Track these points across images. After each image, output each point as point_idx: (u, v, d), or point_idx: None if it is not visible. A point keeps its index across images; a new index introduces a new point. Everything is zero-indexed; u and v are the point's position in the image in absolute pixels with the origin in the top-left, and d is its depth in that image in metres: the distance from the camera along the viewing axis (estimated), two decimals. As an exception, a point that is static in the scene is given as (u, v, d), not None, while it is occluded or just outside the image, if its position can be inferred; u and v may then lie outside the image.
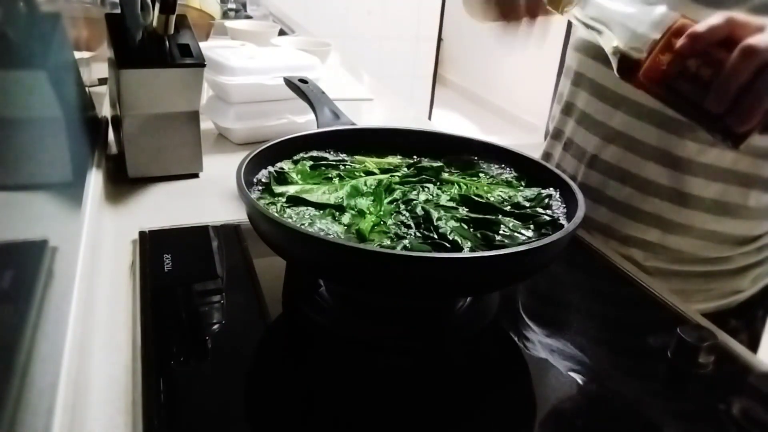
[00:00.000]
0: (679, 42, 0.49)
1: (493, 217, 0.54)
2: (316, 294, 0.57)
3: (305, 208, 0.55)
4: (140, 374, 0.47)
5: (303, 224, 0.52)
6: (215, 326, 0.54)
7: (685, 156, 0.72)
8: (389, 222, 0.54)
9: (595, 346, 0.56)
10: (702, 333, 0.51)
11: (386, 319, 0.55)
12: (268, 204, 0.55)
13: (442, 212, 0.55)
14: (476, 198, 0.58)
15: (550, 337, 0.56)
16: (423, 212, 0.54)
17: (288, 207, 0.55)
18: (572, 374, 0.51)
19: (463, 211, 0.56)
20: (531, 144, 0.98)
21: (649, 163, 0.74)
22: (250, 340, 0.54)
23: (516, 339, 0.56)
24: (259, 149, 0.61)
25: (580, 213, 0.53)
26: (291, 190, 0.57)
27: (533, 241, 0.51)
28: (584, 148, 0.82)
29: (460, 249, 0.50)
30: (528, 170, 0.65)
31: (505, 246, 0.50)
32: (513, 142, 0.90)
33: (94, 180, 0.69)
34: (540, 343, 0.55)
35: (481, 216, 0.55)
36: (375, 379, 0.50)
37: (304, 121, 0.97)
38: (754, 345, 0.83)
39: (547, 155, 0.91)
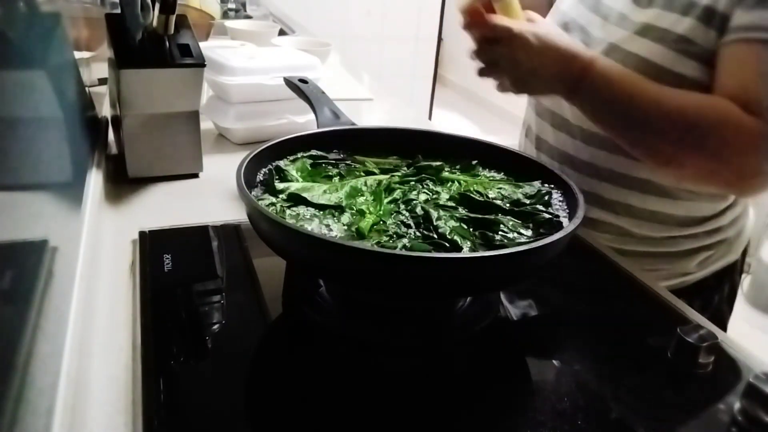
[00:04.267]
0: None
1: (492, 217, 0.54)
2: (316, 294, 0.57)
3: (305, 208, 0.55)
4: (140, 374, 0.47)
5: (302, 224, 0.52)
6: (215, 326, 0.54)
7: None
8: (389, 222, 0.54)
9: (594, 346, 0.56)
10: (702, 333, 0.51)
11: (386, 319, 0.55)
12: (268, 205, 0.55)
13: (442, 212, 0.55)
14: (476, 196, 0.58)
15: (550, 337, 0.56)
16: (422, 212, 0.54)
17: (288, 207, 0.55)
18: (572, 374, 0.51)
19: (462, 210, 0.56)
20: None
21: (588, 147, 0.78)
22: (250, 340, 0.54)
23: (516, 339, 0.56)
24: (259, 149, 0.61)
25: (581, 212, 0.53)
26: (292, 187, 0.57)
27: (533, 240, 0.51)
28: (549, 142, 0.86)
29: (459, 249, 0.50)
30: (527, 170, 0.65)
31: (504, 246, 0.50)
32: (513, 142, 0.90)
33: (94, 180, 0.68)
34: (540, 343, 0.55)
35: (480, 216, 0.55)
36: (375, 379, 0.50)
37: (304, 121, 0.97)
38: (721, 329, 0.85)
39: None
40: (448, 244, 0.50)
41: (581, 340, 0.56)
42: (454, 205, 0.57)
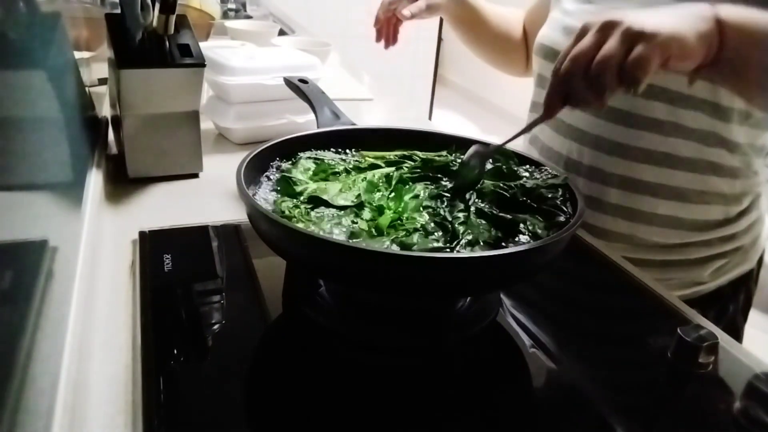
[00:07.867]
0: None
1: (511, 217, 0.54)
2: (316, 294, 0.57)
3: (326, 209, 0.55)
4: (140, 374, 0.47)
5: (329, 225, 0.52)
6: (215, 326, 0.54)
7: (644, 147, 0.74)
8: (410, 218, 0.54)
9: (594, 346, 0.56)
10: (702, 333, 0.51)
11: (386, 319, 0.55)
12: (292, 207, 0.54)
13: (465, 208, 0.54)
14: (504, 192, 0.58)
15: (550, 337, 0.56)
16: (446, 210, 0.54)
17: (311, 209, 0.55)
18: (572, 374, 0.51)
19: (484, 205, 0.56)
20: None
21: (594, 152, 0.77)
22: (250, 340, 0.54)
23: (516, 339, 0.56)
24: (259, 149, 0.61)
25: (581, 213, 0.53)
26: (309, 188, 0.57)
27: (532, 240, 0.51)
28: (554, 149, 0.84)
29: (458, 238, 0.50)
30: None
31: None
32: (513, 142, 0.90)
33: (94, 180, 0.69)
34: (540, 343, 0.55)
35: (506, 215, 0.54)
36: (375, 379, 0.50)
37: (304, 121, 0.97)
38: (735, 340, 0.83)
39: None
40: (450, 240, 0.50)
41: (581, 340, 0.56)
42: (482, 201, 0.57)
